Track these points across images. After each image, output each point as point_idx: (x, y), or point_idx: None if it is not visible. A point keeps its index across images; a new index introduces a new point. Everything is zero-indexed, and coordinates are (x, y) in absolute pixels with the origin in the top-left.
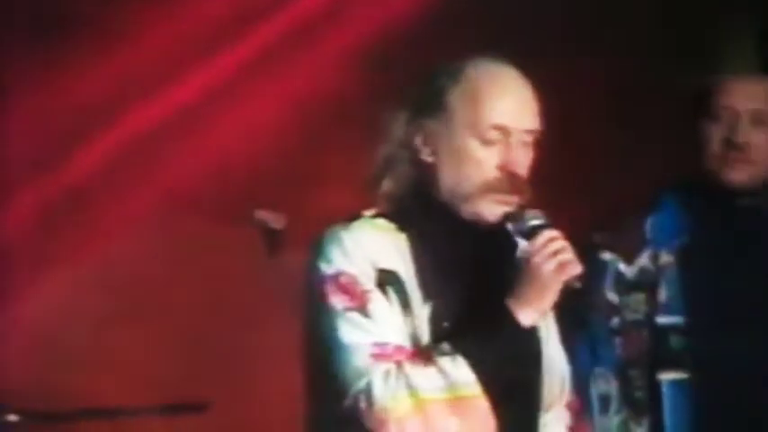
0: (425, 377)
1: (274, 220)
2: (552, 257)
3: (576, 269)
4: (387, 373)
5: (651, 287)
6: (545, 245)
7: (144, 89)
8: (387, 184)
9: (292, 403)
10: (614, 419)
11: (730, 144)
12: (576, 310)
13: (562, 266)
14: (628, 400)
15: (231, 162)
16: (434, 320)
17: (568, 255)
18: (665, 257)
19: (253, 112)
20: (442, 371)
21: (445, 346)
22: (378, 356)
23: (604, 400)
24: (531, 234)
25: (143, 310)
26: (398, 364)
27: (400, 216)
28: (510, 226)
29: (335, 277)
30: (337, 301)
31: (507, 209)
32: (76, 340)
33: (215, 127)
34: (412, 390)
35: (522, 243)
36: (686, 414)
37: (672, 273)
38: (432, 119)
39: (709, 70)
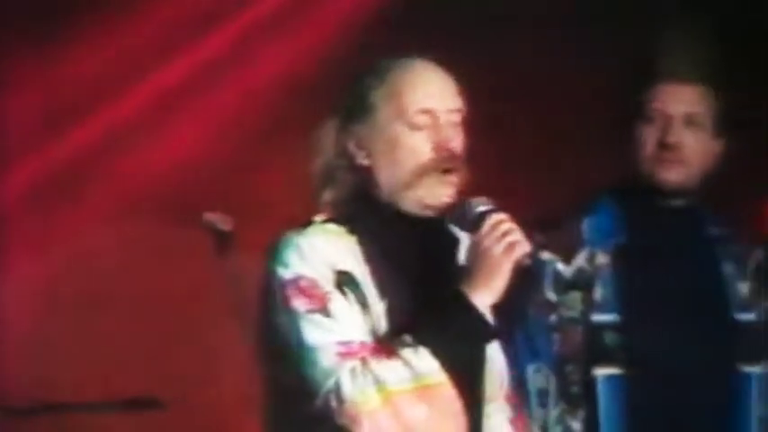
0: (391, 370)
1: (223, 221)
2: (501, 240)
3: (525, 248)
4: (353, 370)
5: (587, 286)
6: (493, 228)
7: (111, 88)
8: (328, 194)
9: (249, 400)
10: (551, 413)
11: (664, 145)
12: (515, 307)
13: (511, 247)
14: (564, 394)
15: (189, 165)
16: (391, 316)
17: (516, 235)
18: (601, 257)
19: (210, 115)
20: (406, 362)
21: (407, 337)
22: (343, 355)
23: (542, 395)
24: (478, 220)
25: (101, 308)
26: (364, 361)
27: (347, 220)
28: (457, 215)
29: (295, 281)
30: (299, 304)
31: (449, 192)
32: (34, 336)
33: (174, 130)
34: (379, 384)
35: (463, 235)
36: (620, 408)
37: (607, 272)
38: (361, 123)
39: (644, 75)
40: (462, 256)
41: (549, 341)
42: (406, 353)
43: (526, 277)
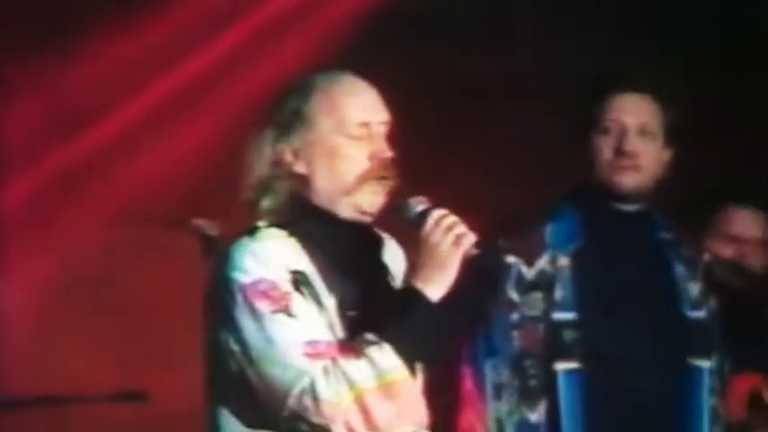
0: (359, 369)
1: (210, 227)
2: (447, 234)
3: (471, 239)
4: (326, 370)
5: (548, 287)
6: (437, 224)
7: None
8: (266, 202)
9: None
10: (506, 405)
11: (620, 152)
12: (478, 308)
13: (458, 239)
14: (522, 388)
15: (178, 175)
16: (341, 312)
17: (461, 228)
18: (562, 260)
19: (196, 132)
20: (371, 361)
21: (370, 336)
22: (312, 355)
23: (497, 388)
24: (420, 219)
25: (94, 307)
26: (334, 360)
27: (286, 224)
28: (399, 216)
29: (255, 285)
30: (263, 306)
31: (382, 198)
32: (34, 334)
33: (165, 144)
34: (350, 383)
35: (391, 243)
36: (579, 399)
37: (567, 274)
38: (298, 134)
39: (600, 87)
40: (386, 256)
41: (507, 338)
42: (371, 351)
43: (488, 278)
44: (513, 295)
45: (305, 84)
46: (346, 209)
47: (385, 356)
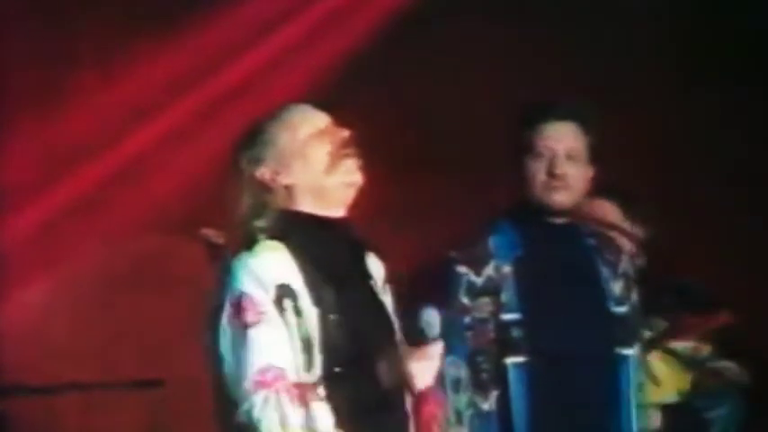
0: (295, 415)
1: (216, 236)
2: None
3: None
4: (265, 401)
5: (495, 292)
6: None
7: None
8: (260, 222)
9: None
10: (463, 397)
11: (552, 175)
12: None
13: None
14: (475, 381)
15: (188, 189)
16: (324, 317)
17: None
18: (505, 268)
19: (199, 155)
20: (310, 415)
21: (321, 390)
22: (258, 384)
23: (455, 383)
24: (428, 340)
25: (112, 306)
26: (277, 393)
27: (281, 236)
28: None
29: (238, 299)
30: (238, 321)
31: (351, 192)
32: (58, 329)
33: (167, 164)
34: (283, 422)
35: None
36: (526, 389)
37: (510, 280)
38: (266, 154)
39: (531, 118)
40: (369, 263)
41: (462, 338)
42: (315, 406)
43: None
44: (465, 300)
45: (263, 119)
46: (325, 205)
47: (323, 418)
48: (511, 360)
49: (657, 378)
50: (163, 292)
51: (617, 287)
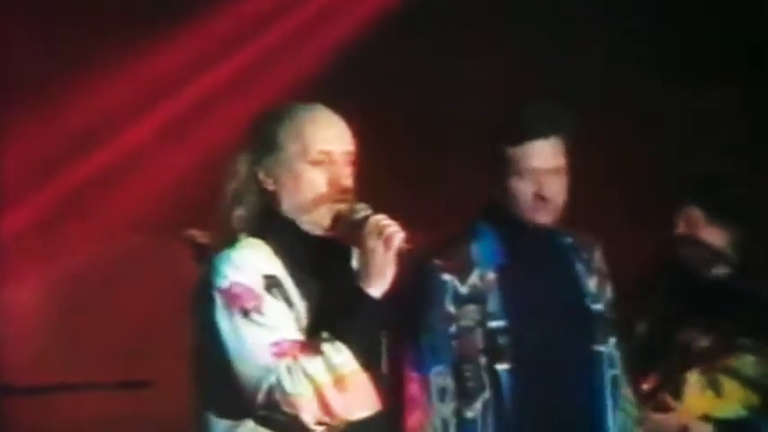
0: (316, 366)
1: (201, 236)
2: (380, 236)
3: (400, 235)
4: (288, 368)
5: (482, 300)
6: (373, 228)
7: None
8: (239, 211)
9: None
10: (450, 406)
11: (539, 197)
12: (420, 320)
13: (389, 240)
14: (461, 390)
15: (173, 191)
16: (311, 314)
17: (392, 228)
18: (490, 275)
19: (187, 156)
20: (326, 358)
21: (325, 334)
22: (278, 354)
23: (442, 392)
24: (361, 223)
25: (103, 304)
26: (295, 359)
27: (260, 233)
28: (345, 221)
29: (231, 288)
30: (237, 308)
31: (338, 210)
32: (51, 327)
33: (158, 165)
34: (309, 378)
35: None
36: (513, 395)
37: (495, 288)
38: (269, 156)
39: (515, 136)
40: (354, 262)
41: (449, 347)
42: (326, 348)
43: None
44: (451, 309)
45: (279, 111)
46: (307, 224)
47: (337, 352)
48: (497, 367)
49: (722, 389)
50: (151, 291)
51: (592, 284)
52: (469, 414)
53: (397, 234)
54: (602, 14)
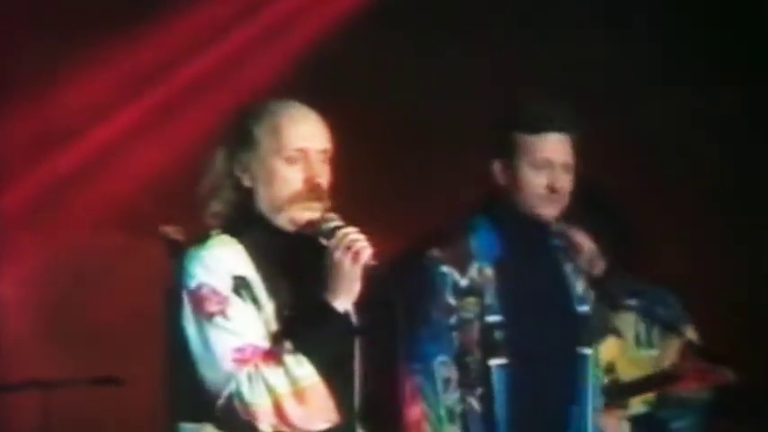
0: (277, 376)
1: (176, 233)
2: (347, 250)
3: (367, 252)
4: (249, 377)
5: (480, 293)
6: (340, 241)
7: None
8: (214, 206)
9: None
10: (454, 395)
11: (551, 189)
12: (421, 311)
13: (356, 255)
14: (464, 380)
15: (147, 188)
16: (279, 315)
17: (360, 243)
18: (487, 270)
19: (164, 152)
20: (287, 369)
21: (288, 345)
22: (240, 361)
23: (446, 382)
24: (330, 234)
25: (78, 301)
26: (256, 367)
27: (233, 231)
28: (315, 230)
29: (199, 289)
30: (202, 310)
31: (312, 214)
32: (23, 323)
33: (135, 161)
34: (269, 388)
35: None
36: (508, 387)
37: (493, 282)
38: (246, 152)
39: (531, 125)
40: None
41: (450, 339)
42: (288, 359)
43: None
44: (451, 300)
45: (257, 107)
46: (282, 221)
47: (298, 365)
48: (494, 362)
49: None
50: (124, 289)
51: (580, 286)
52: (474, 404)
53: (364, 250)
54: (602, 14)
